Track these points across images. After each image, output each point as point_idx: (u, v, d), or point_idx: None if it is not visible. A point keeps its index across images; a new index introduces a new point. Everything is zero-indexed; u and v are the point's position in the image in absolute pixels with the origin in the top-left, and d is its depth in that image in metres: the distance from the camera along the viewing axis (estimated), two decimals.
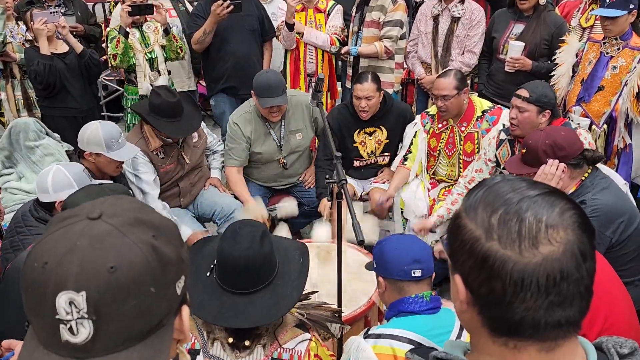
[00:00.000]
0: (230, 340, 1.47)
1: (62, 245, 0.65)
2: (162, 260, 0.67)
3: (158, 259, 0.67)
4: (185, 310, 0.74)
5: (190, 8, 4.42)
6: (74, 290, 0.63)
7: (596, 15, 3.24)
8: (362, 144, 3.34)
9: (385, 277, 1.72)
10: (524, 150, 2.32)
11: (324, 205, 3.12)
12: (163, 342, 0.69)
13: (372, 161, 3.42)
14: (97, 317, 0.63)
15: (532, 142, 2.25)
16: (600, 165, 2.33)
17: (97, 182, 2.39)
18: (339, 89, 4.34)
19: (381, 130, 3.30)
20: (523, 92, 2.60)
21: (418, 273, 1.66)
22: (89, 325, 0.63)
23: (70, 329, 0.63)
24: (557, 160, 2.15)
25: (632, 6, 2.92)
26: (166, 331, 0.70)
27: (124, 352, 0.65)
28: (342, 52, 3.84)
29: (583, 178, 2.22)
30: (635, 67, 2.97)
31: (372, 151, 3.37)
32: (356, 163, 3.40)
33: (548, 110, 2.57)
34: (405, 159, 3.25)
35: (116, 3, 4.50)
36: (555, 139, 2.19)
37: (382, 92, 3.18)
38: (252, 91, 3.09)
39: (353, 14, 3.83)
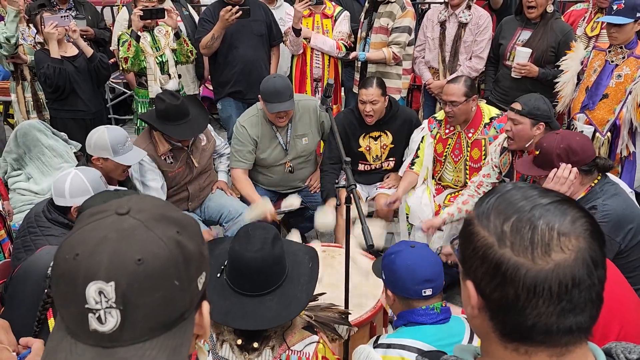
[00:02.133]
0: (239, 342, 1.48)
1: (92, 238, 0.68)
2: (185, 255, 0.70)
3: (182, 253, 0.70)
4: (206, 306, 0.77)
5: (193, 12, 4.45)
6: (104, 280, 0.66)
7: (602, 24, 3.25)
8: (368, 148, 3.36)
9: (394, 292, 1.72)
10: (537, 152, 2.31)
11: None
12: (185, 334, 0.72)
13: (378, 166, 3.44)
14: (124, 307, 0.66)
15: (546, 145, 2.24)
16: (608, 174, 2.34)
17: (113, 188, 2.41)
18: (342, 94, 4.36)
19: (386, 135, 3.32)
20: (516, 105, 2.61)
21: (429, 292, 1.65)
22: (116, 315, 0.66)
23: (99, 318, 0.66)
24: (570, 165, 2.16)
25: (638, 15, 2.93)
26: (188, 324, 0.73)
27: (148, 342, 0.68)
28: (350, 57, 3.87)
29: (592, 184, 2.23)
30: (639, 75, 2.98)
31: (377, 156, 3.39)
32: (361, 167, 3.42)
33: (542, 123, 2.56)
34: (412, 163, 3.27)
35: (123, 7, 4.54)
36: (570, 144, 2.19)
37: (387, 97, 3.20)
38: (259, 95, 3.12)
39: (361, 20, 3.85)
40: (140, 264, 0.67)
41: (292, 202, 3.09)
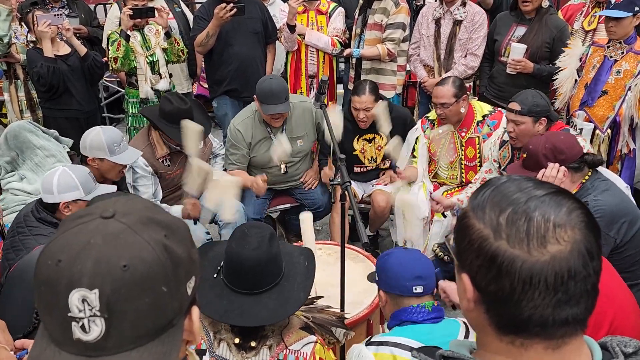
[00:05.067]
0: (237, 340, 1.48)
1: (76, 243, 0.65)
2: (173, 260, 0.68)
3: (170, 258, 0.67)
4: (195, 311, 0.74)
5: (186, 9, 4.43)
6: (87, 287, 0.63)
7: (599, 19, 3.24)
8: (362, 151, 3.34)
9: (386, 292, 1.73)
10: (524, 155, 2.33)
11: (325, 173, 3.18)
12: (174, 341, 0.69)
13: (373, 167, 3.43)
14: (109, 315, 0.63)
15: (532, 147, 2.27)
16: (601, 169, 2.34)
17: (114, 188, 2.41)
18: (340, 90, 4.35)
19: (381, 136, 3.31)
20: (514, 106, 2.61)
21: (419, 289, 1.66)
22: (101, 323, 0.63)
23: (82, 327, 0.63)
24: (557, 164, 2.17)
25: (637, 9, 2.92)
26: (177, 331, 0.70)
27: (135, 350, 0.65)
28: (345, 54, 3.86)
29: (584, 181, 2.24)
30: (639, 71, 2.97)
31: (372, 157, 3.38)
32: (357, 169, 3.41)
33: (543, 118, 2.59)
34: (410, 162, 3.27)
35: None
36: (555, 143, 2.21)
37: (380, 101, 3.18)
38: (254, 96, 3.10)
39: (356, 17, 3.84)
40: (126, 269, 0.64)
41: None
